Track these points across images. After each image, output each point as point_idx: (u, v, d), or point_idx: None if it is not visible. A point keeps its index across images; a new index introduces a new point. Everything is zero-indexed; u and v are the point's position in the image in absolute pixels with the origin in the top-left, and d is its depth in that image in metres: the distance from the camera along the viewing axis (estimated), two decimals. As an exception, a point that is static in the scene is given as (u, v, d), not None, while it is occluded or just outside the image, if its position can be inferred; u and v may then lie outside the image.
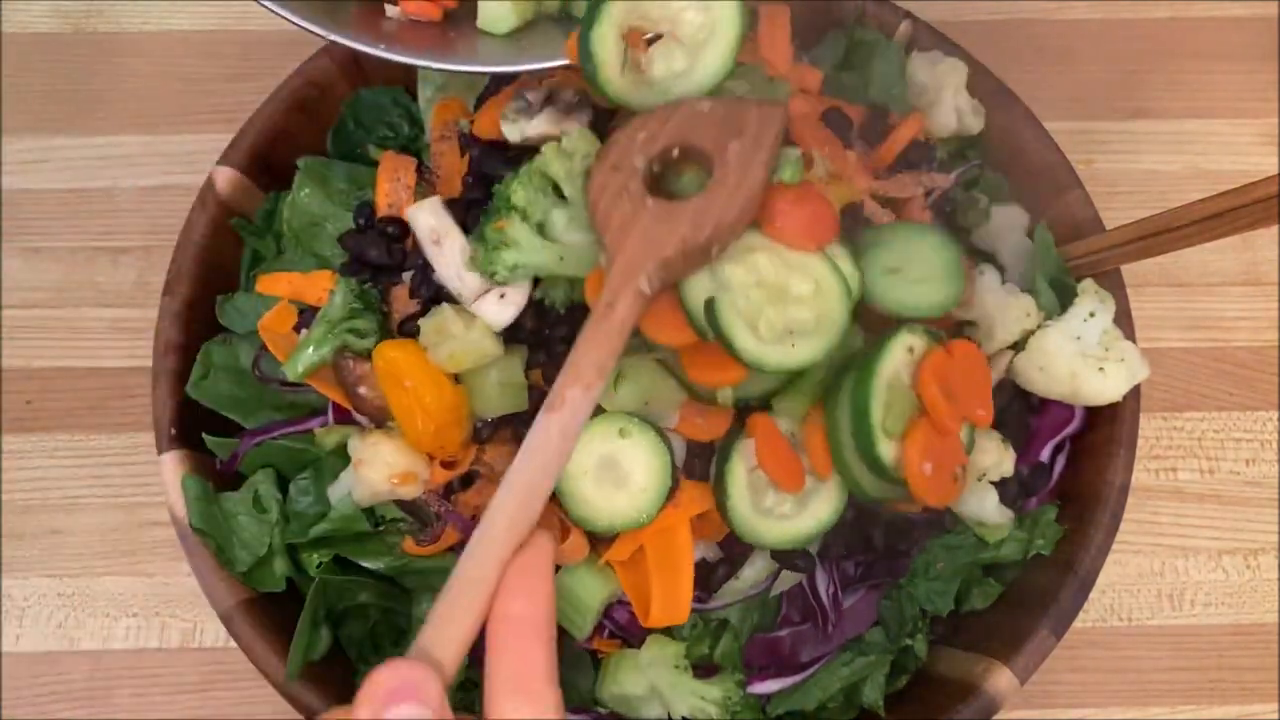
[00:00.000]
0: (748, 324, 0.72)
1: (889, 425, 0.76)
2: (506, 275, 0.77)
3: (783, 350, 0.73)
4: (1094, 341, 0.86)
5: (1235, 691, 0.99)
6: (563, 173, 0.77)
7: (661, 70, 0.78)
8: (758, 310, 0.73)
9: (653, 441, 0.77)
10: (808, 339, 0.73)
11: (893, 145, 0.91)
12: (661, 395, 0.78)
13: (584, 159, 0.77)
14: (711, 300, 0.72)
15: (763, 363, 0.72)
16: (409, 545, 0.83)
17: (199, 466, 0.86)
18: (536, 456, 0.63)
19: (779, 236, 0.74)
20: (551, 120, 0.83)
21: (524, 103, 0.86)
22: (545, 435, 0.63)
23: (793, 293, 0.74)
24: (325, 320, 0.82)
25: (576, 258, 0.77)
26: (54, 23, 1.16)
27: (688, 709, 0.82)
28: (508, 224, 0.76)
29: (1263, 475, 1.06)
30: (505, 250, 0.76)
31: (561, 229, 0.78)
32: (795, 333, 0.73)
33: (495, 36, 0.85)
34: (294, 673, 0.81)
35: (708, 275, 0.73)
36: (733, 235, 0.73)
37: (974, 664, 0.84)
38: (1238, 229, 0.78)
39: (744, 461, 0.79)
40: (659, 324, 0.74)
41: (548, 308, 0.80)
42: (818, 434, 0.78)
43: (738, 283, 0.73)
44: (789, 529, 0.79)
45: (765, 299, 0.73)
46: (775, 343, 0.73)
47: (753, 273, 0.73)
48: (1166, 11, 1.21)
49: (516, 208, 0.76)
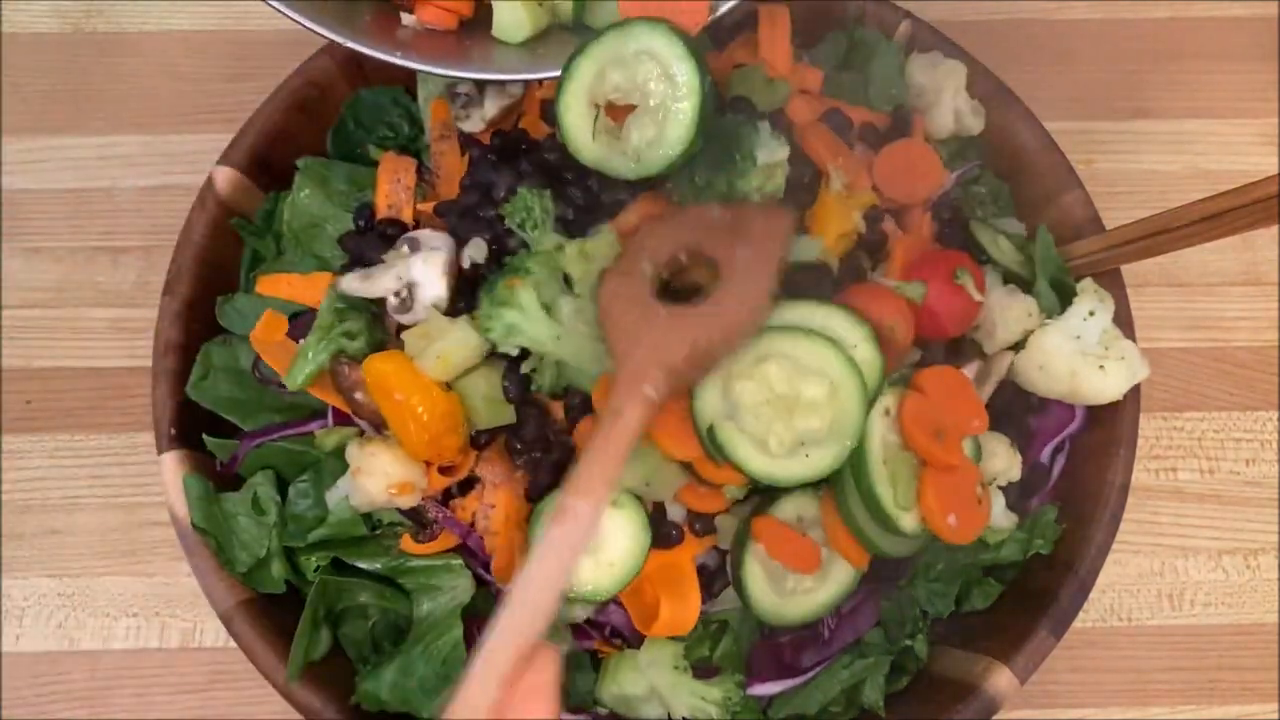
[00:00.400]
0: (758, 442, 0.73)
1: (901, 500, 0.77)
2: (501, 336, 0.76)
3: (797, 463, 0.74)
4: (1094, 340, 0.86)
5: (1235, 691, 0.99)
6: (579, 274, 0.77)
7: (635, 139, 0.78)
8: (767, 427, 0.73)
9: (638, 521, 0.77)
10: (821, 448, 0.74)
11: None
12: (664, 478, 0.78)
13: (602, 262, 0.77)
14: (711, 428, 0.73)
15: (776, 479, 0.74)
16: (406, 543, 0.83)
17: (199, 466, 0.86)
18: (541, 571, 0.63)
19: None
20: (497, 96, 0.82)
21: (464, 97, 0.86)
22: (551, 550, 0.63)
23: (805, 399, 0.73)
24: (319, 328, 0.82)
25: (574, 345, 0.77)
26: (54, 23, 1.16)
27: (688, 710, 0.82)
28: (521, 284, 0.76)
29: (1263, 475, 1.06)
30: (507, 310, 0.76)
31: (566, 315, 0.78)
32: (808, 444, 0.74)
33: (510, 45, 0.85)
34: (294, 673, 0.81)
35: (718, 394, 0.74)
36: (741, 341, 0.73)
37: (974, 664, 0.84)
38: (1238, 229, 0.78)
39: (758, 559, 0.80)
40: (671, 438, 0.75)
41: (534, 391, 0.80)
42: (831, 513, 0.79)
43: (747, 400, 0.73)
44: (815, 601, 0.81)
45: (775, 414, 0.73)
46: (788, 456, 0.73)
47: (764, 387, 0.74)
48: (1166, 11, 1.21)
49: (532, 273, 0.76)
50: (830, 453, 0.74)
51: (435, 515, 0.83)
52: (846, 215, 0.83)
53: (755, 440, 0.73)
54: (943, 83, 0.95)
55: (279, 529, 0.85)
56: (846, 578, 0.82)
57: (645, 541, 0.77)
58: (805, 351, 0.74)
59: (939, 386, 0.79)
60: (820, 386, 0.74)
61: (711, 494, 0.80)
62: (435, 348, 0.77)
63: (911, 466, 0.78)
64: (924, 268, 0.85)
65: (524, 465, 0.81)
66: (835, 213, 0.83)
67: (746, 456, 0.73)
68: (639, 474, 0.76)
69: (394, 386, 0.77)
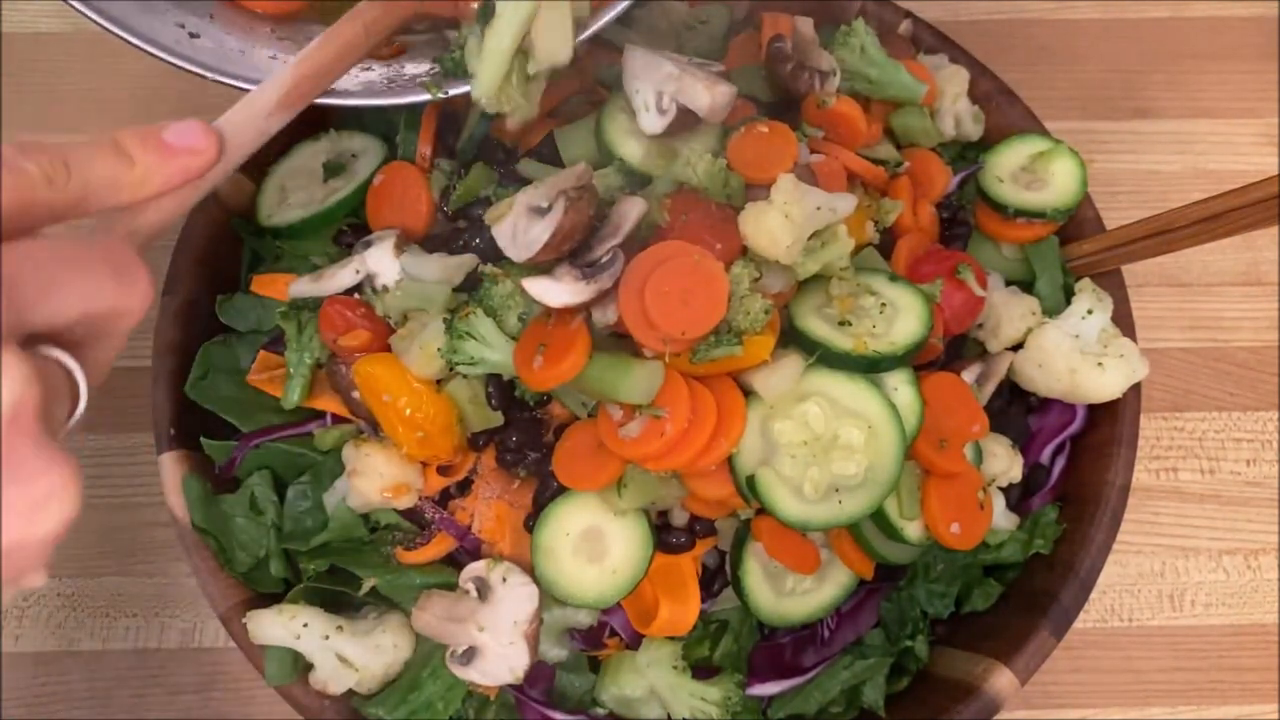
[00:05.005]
0: (793, 487, 0.73)
1: (906, 512, 0.77)
2: (467, 366, 0.76)
3: (829, 508, 0.73)
4: (1092, 338, 0.87)
5: (1235, 691, 0.99)
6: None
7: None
8: (803, 470, 0.73)
9: (642, 531, 0.77)
10: (855, 494, 0.74)
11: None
12: (666, 496, 0.78)
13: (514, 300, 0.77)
14: (751, 477, 0.73)
15: (809, 524, 0.73)
16: (400, 554, 0.83)
17: (199, 467, 0.86)
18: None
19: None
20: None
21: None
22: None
23: (842, 442, 0.73)
24: (292, 347, 0.84)
25: None
26: (54, 23, 1.16)
27: (688, 710, 0.82)
28: (474, 315, 0.75)
29: (1263, 475, 1.06)
30: (468, 342, 0.75)
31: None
32: (841, 489, 0.74)
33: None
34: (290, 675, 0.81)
35: (758, 435, 0.74)
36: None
37: (974, 664, 0.84)
38: (1238, 229, 0.78)
39: (757, 559, 0.80)
40: (706, 482, 0.75)
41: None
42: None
43: (785, 441, 0.73)
44: (814, 601, 0.81)
45: (811, 456, 0.73)
46: (821, 501, 0.73)
47: (801, 428, 0.73)
48: (1166, 11, 1.21)
49: (485, 306, 0.76)
50: (863, 500, 0.74)
51: (432, 516, 0.82)
52: (862, 226, 0.83)
53: (791, 487, 0.73)
54: (943, 87, 0.95)
55: (276, 529, 0.85)
56: (846, 578, 0.82)
57: (649, 551, 0.77)
58: (846, 392, 0.74)
59: (940, 394, 0.79)
60: (859, 429, 0.73)
61: (714, 506, 0.80)
62: (418, 341, 0.77)
63: (915, 476, 0.78)
64: (927, 266, 0.85)
65: (511, 467, 0.81)
66: (854, 225, 0.83)
67: (783, 503, 0.73)
68: (642, 496, 0.76)
69: (382, 387, 0.78)
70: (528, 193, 0.73)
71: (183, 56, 0.74)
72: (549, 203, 0.72)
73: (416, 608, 0.78)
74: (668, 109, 0.77)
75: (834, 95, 0.87)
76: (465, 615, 0.77)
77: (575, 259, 0.73)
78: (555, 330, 0.73)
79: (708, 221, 0.76)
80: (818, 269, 0.76)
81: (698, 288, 0.70)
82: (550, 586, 0.77)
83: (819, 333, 0.75)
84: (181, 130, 0.59)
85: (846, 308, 0.77)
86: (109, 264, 0.50)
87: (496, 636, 0.77)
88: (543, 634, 0.80)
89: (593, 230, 0.74)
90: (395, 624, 0.82)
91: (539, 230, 0.71)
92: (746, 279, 0.73)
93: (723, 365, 0.73)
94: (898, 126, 0.92)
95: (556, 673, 0.85)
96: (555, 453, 0.78)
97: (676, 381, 0.72)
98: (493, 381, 0.79)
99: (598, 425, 0.74)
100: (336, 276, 0.82)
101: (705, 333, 0.71)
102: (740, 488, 0.74)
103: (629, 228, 0.74)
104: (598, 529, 0.77)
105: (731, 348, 0.72)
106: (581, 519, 0.77)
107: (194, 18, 0.77)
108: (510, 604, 0.77)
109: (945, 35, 0.99)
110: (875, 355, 0.74)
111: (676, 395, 0.72)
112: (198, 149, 0.59)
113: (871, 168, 0.87)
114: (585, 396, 0.77)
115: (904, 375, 0.76)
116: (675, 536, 0.80)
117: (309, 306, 0.84)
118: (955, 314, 0.83)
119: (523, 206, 0.72)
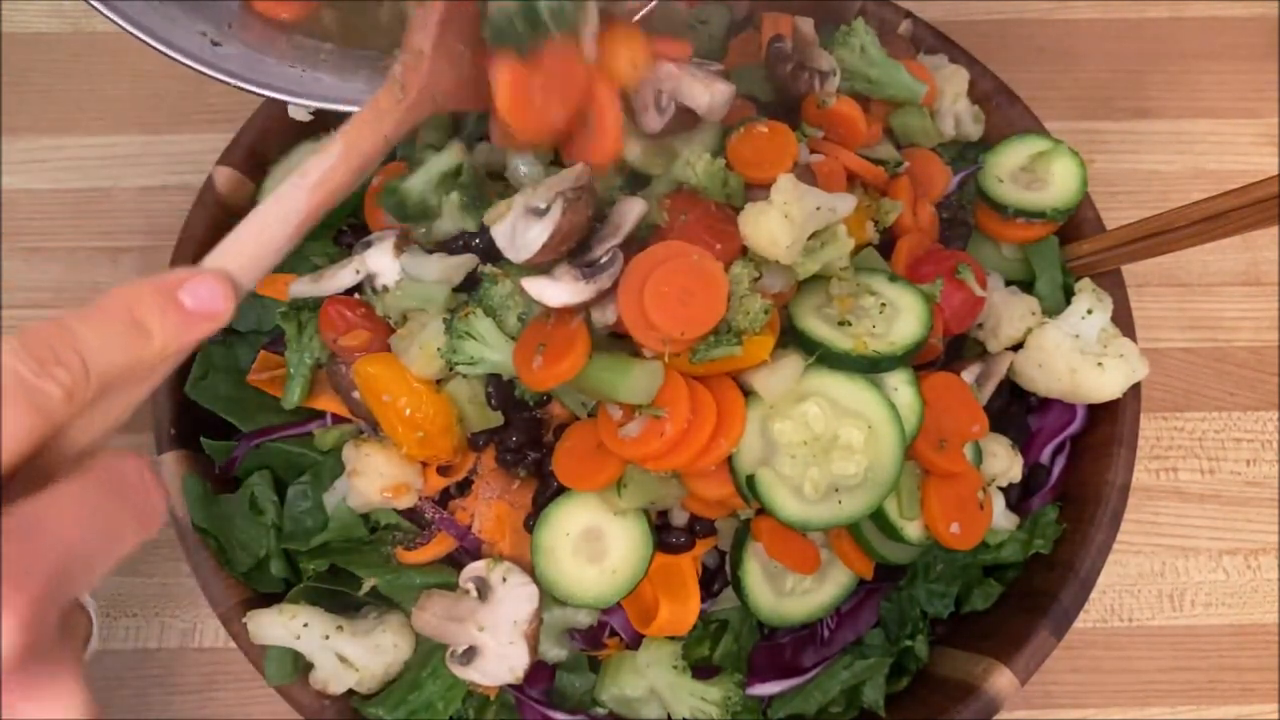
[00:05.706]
0: (793, 487, 0.73)
1: (906, 512, 0.77)
2: (467, 366, 0.76)
3: (829, 508, 0.73)
4: (1092, 338, 0.87)
5: (1235, 691, 0.99)
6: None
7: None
8: (803, 470, 0.73)
9: (642, 531, 0.77)
10: (855, 494, 0.74)
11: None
12: (666, 496, 0.78)
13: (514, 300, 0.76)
14: (750, 477, 0.73)
15: (809, 524, 0.73)
16: (400, 554, 0.83)
17: (199, 466, 0.86)
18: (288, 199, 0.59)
19: None
20: None
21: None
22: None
23: (842, 442, 0.73)
24: (292, 347, 0.84)
25: None
26: (54, 23, 1.16)
27: (688, 710, 0.82)
28: (473, 315, 0.76)
29: (1263, 475, 1.06)
30: (468, 342, 0.75)
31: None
32: (841, 490, 0.74)
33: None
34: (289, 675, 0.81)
35: (758, 435, 0.74)
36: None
37: (974, 664, 0.84)
38: (1238, 229, 0.78)
39: (757, 559, 0.80)
40: (706, 482, 0.75)
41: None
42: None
43: (785, 441, 0.73)
44: (814, 601, 0.81)
45: (811, 456, 0.73)
46: (821, 501, 0.73)
47: (802, 427, 0.74)
48: (1166, 11, 1.21)
49: (485, 306, 0.76)
50: (863, 500, 0.74)
51: (432, 516, 0.83)
52: (862, 226, 0.83)
53: (791, 487, 0.73)
54: (943, 87, 0.95)
55: (276, 529, 0.85)
56: (846, 578, 0.82)
57: (648, 551, 0.77)
58: (845, 392, 0.74)
59: (940, 394, 0.79)
60: (859, 429, 0.73)
61: (714, 506, 0.80)
62: (418, 340, 0.78)
63: (915, 476, 0.78)
64: (927, 266, 0.85)
65: (511, 467, 0.81)
66: (854, 225, 0.83)
67: (782, 503, 0.73)
68: (642, 496, 0.76)
69: (382, 388, 0.78)
70: (526, 193, 0.73)
71: (209, 64, 0.74)
72: (547, 204, 0.72)
73: (416, 607, 0.78)
74: (666, 108, 0.77)
75: (834, 95, 0.87)
76: (465, 615, 0.77)
77: (575, 259, 0.73)
78: (555, 330, 0.73)
79: (707, 221, 0.76)
80: (817, 269, 0.76)
81: (697, 288, 0.70)
82: (550, 586, 0.77)
83: (819, 333, 0.75)
84: (200, 292, 0.53)
85: (846, 308, 0.77)
86: (132, 511, 0.45)
87: (496, 636, 0.77)
88: (543, 634, 0.80)
89: (592, 230, 0.74)
90: (395, 624, 0.82)
91: (537, 231, 0.71)
92: (746, 279, 0.73)
93: (722, 365, 0.73)
94: (898, 126, 0.92)
95: (556, 673, 0.85)
96: (555, 453, 0.78)
97: (676, 381, 0.72)
98: (492, 381, 0.79)
99: (597, 425, 0.74)
100: (336, 276, 0.82)
101: (705, 333, 0.71)
102: (740, 488, 0.74)
103: (628, 228, 0.74)
104: (598, 529, 0.77)
105: (731, 348, 0.72)
106: (581, 519, 0.77)
107: (213, 26, 0.77)
108: (510, 604, 0.77)
109: (945, 35, 0.99)
110: (875, 355, 0.74)
111: (676, 395, 0.72)
112: (216, 313, 0.53)
113: (871, 168, 0.87)
114: (585, 396, 0.77)
115: (904, 375, 0.76)
116: (675, 536, 0.80)
117: (309, 306, 0.84)
118: (955, 314, 0.83)
119: (521, 207, 0.73)
